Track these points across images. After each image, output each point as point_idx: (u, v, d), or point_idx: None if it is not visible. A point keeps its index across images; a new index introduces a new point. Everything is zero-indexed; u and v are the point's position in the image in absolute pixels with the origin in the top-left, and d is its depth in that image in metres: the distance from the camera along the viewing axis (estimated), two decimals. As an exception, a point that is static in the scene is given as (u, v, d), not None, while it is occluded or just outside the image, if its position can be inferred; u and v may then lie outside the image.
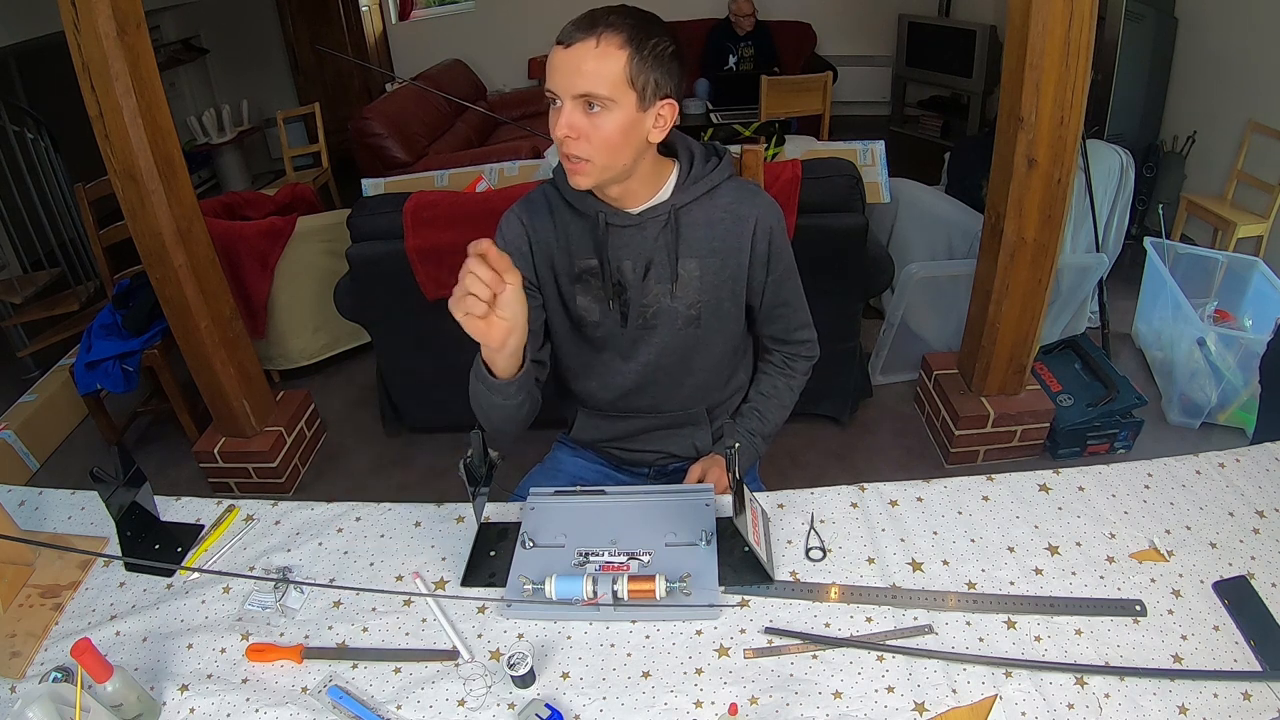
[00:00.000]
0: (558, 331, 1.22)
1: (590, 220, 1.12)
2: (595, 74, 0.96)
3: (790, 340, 1.30)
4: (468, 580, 1.05)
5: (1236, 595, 0.95)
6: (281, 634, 1.00)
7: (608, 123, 0.99)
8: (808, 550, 1.05)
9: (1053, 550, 1.03)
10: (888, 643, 0.92)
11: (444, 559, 1.09)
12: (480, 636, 0.97)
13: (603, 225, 1.11)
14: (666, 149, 1.12)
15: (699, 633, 0.95)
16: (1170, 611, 0.94)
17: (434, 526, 1.14)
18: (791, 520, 1.10)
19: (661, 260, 1.14)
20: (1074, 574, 0.99)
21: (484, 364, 1.03)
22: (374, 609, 1.02)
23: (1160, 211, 3.19)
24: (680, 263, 1.14)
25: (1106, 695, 0.85)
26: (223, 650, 0.98)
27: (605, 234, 1.12)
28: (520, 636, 0.97)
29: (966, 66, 4.75)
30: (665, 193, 1.12)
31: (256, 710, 0.90)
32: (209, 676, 0.95)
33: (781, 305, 1.24)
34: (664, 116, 1.03)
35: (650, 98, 1.00)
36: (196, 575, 1.09)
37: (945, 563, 1.02)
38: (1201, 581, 0.97)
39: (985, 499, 1.12)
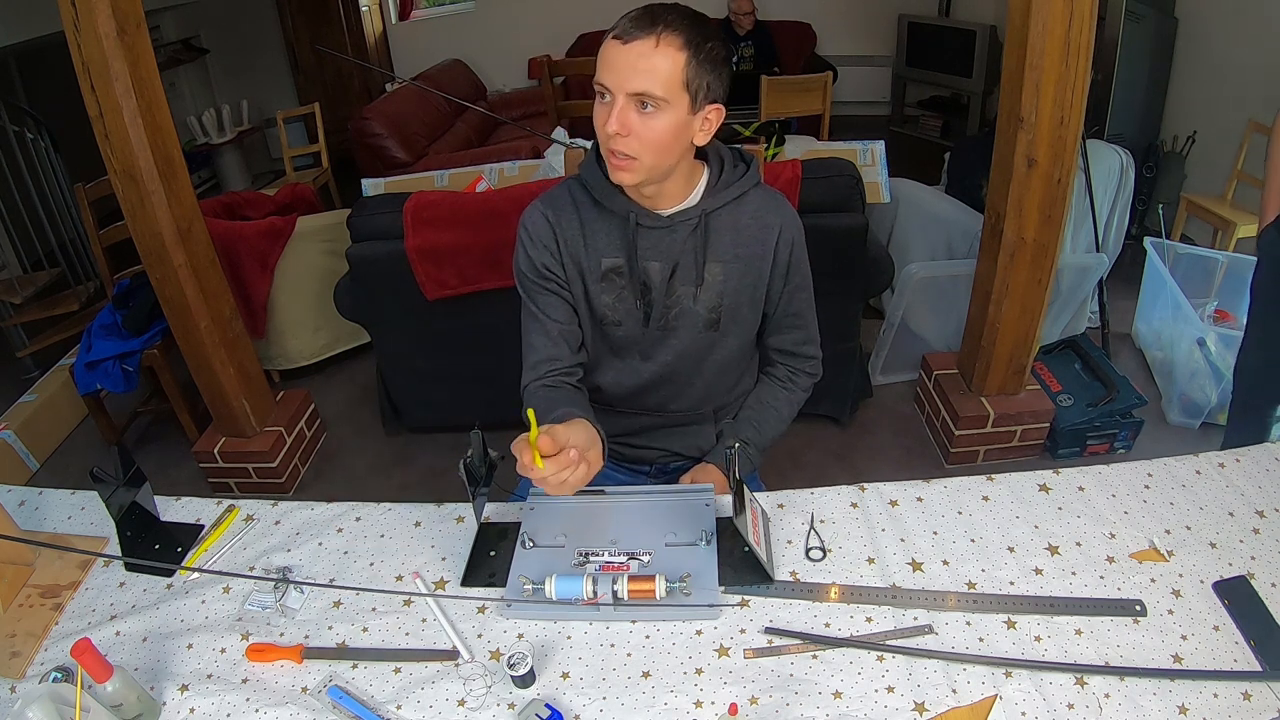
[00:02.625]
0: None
1: (619, 219, 1.12)
2: (652, 73, 0.96)
3: (797, 354, 1.29)
4: (468, 580, 1.05)
5: (1236, 595, 0.95)
6: (281, 634, 1.00)
7: (659, 123, 0.99)
8: (808, 550, 1.05)
9: (1053, 550, 1.03)
10: (888, 643, 0.92)
11: (444, 559, 1.09)
12: (480, 636, 0.97)
13: (633, 225, 1.11)
14: (698, 152, 1.12)
15: (699, 633, 0.95)
16: (1170, 611, 0.94)
17: (434, 526, 1.14)
18: (791, 520, 1.10)
19: (688, 263, 1.14)
20: (1074, 574, 0.99)
21: None
22: (374, 609, 1.02)
23: (1160, 211, 3.20)
24: (706, 267, 1.14)
25: (1106, 695, 0.85)
26: (223, 650, 0.98)
27: (635, 234, 1.12)
28: (520, 636, 0.97)
29: (966, 66, 4.75)
30: (695, 196, 1.12)
31: (256, 710, 0.90)
32: (209, 676, 0.95)
33: (793, 316, 1.24)
34: (710, 120, 1.04)
35: (701, 101, 1.01)
36: (196, 575, 1.09)
37: (945, 563, 1.02)
38: (1201, 581, 0.97)
39: (985, 499, 1.12)
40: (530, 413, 0.88)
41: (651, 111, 0.98)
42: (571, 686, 0.90)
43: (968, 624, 0.94)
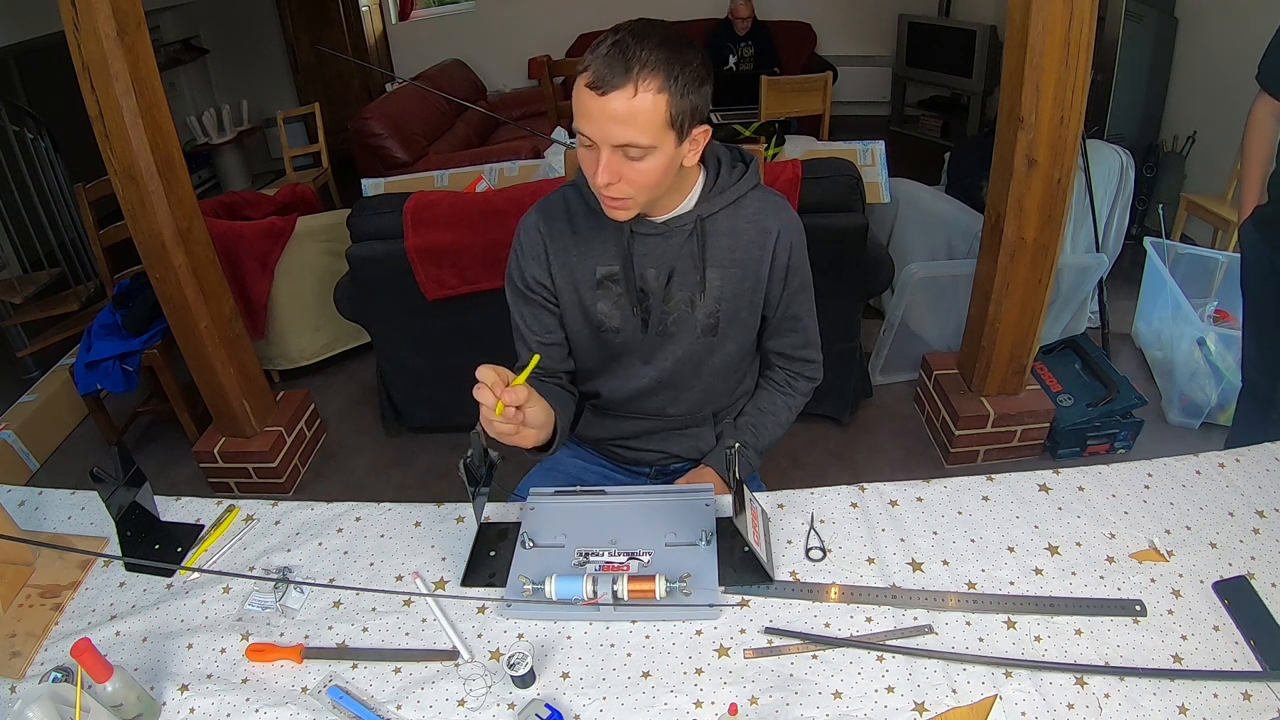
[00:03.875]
0: (575, 334, 1.22)
1: (614, 226, 1.11)
2: (633, 124, 0.92)
3: (796, 358, 1.28)
4: (468, 580, 1.05)
5: (1236, 595, 0.95)
6: (281, 634, 1.00)
7: (648, 165, 0.97)
8: (808, 550, 1.05)
9: (1053, 550, 1.03)
10: (888, 643, 0.92)
11: (444, 559, 1.09)
12: (480, 636, 0.97)
13: (628, 232, 1.11)
14: None
15: (699, 633, 0.95)
16: (1170, 611, 0.94)
17: (434, 526, 1.14)
18: (791, 520, 1.10)
19: (685, 269, 1.13)
20: (1074, 574, 0.99)
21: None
22: (374, 609, 1.02)
23: (1160, 211, 3.19)
24: (705, 273, 1.13)
25: (1106, 695, 0.85)
26: (223, 650, 0.98)
27: (630, 241, 1.11)
28: (520, 636, 0.97)
29: (966, 66, 4.75)
30: (690, 201, 1.11)
31: (256, 710, 0.90)
32: (209, 676, 0.95)
33: (792, 319, 1.23)
34: (698, 140, 1.01)
35: (688, 129, 0.97)
36: (196, 575, 1.09)
37: (945, 563, 1.02)
38: (1201, 581, 0.97)
39: (985, 499, 1.12)
40: (536, 358, 0.96)
41: (639, 156, 0.95)
42: (571, 686, 0.90)
43: (968, 624, 0.94)
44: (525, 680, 0.89)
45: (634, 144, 0.94)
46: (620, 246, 1.12)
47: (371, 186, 2.75)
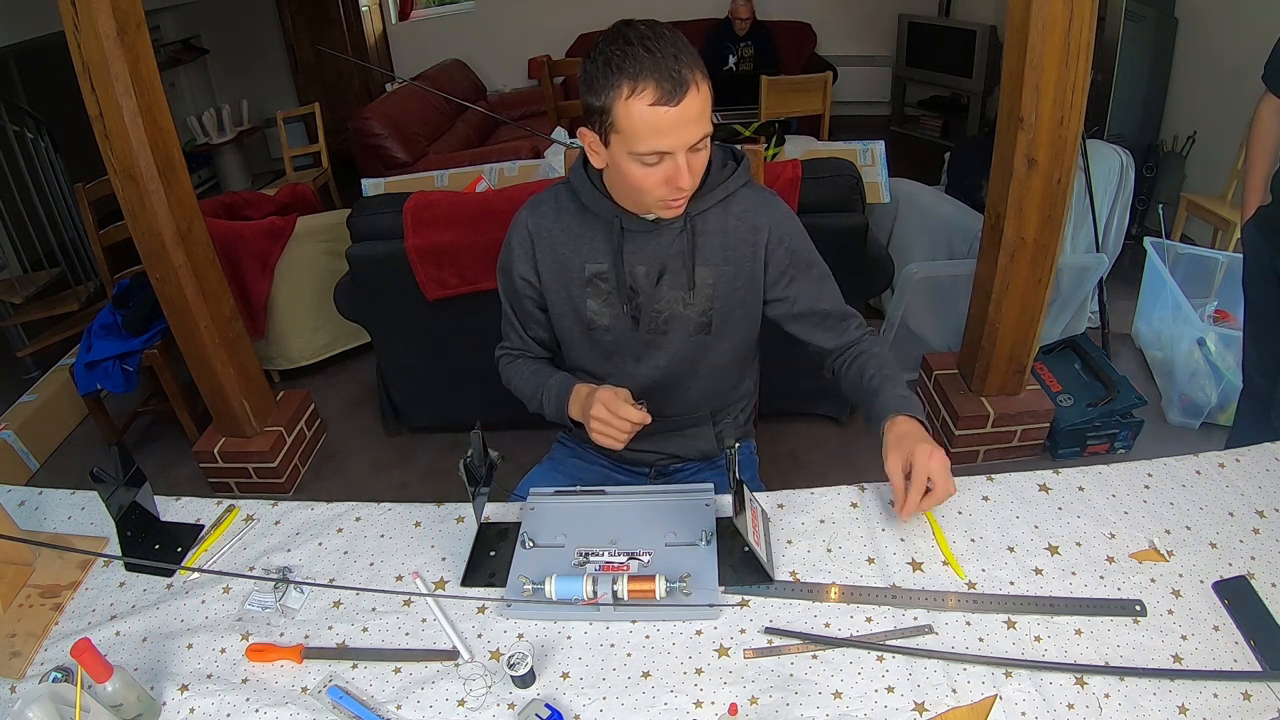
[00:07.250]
0: (568, 332, 1.22)
1: (604, 224, 1.12)
2: (704, 117, 0.96)
3: (845, 341, 1.21)
4: (468, 580, 1.05)
5: (1236, 595, 0.95)
6: (281, 634, 1.00)
7: (706, 152, 1.01)
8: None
9: (1053, 550, 1.03)
10: (888, 643, 0.92)
11: (444, 559, 1.09)
12: (480, 636, 0.97)
13: (618, 229, 1.11)
14: None
15: (699, 633, 0.95)
16: (1170, 611, 0.94)
17: (434, 526, 1.14)
18: (791, 520, 1.10)
19: (676, 267, 1.13)
20: (1074, 574, 0.99)
21: (569, 416, 1.16)
22: (374, 609, 1.02)
23: (1160, 211, 3.19)
24: (695, 271, 1.13)
25: (1106, 695, 0.85)
26: (223, 650, 0.98)
27: (621, 238, 1.11)
28: (520, 636, 0.97)
29: (966, 66, 4.75)
30: None
31: (256, 710, 0.90)
32: (209, 676, 0.95)
33: (821, 315, 1.18)
34: None
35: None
36: (196, 575, 1.09)
37: (945, 563, 1.02)
38: (1201, 581, 0.97)
39: (985, 499, 1.12)
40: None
41: (702, 146, 0.98)
42: (571, 686, 0.90)
43: (968, 624, 0.94)
44: (525, 680, 0.89)
45: (704, 135, 0.97)
46: (610, 244, 1.12)
47: (371, 186, 2.75)
